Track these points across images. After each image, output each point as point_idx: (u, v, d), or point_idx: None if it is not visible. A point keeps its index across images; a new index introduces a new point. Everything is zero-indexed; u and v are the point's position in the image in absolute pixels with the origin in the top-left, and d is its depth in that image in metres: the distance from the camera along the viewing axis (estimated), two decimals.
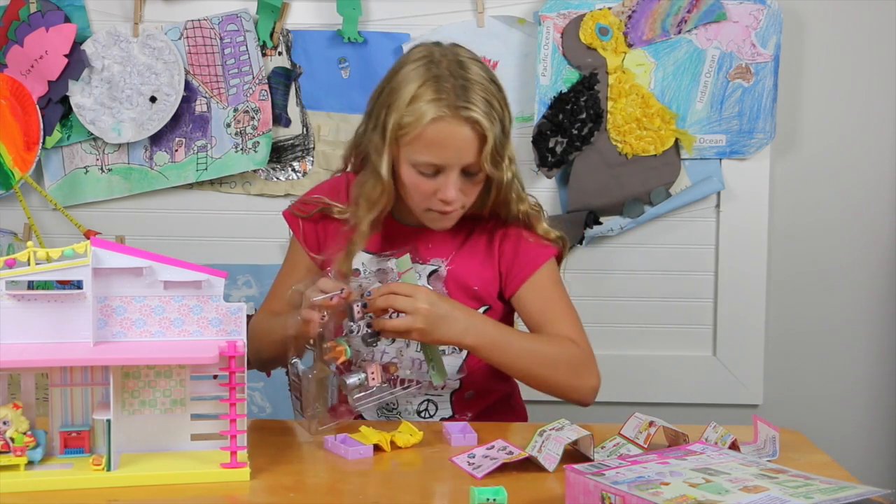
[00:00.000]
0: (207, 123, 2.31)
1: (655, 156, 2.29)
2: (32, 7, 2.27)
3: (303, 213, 1.66)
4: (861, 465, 2.16)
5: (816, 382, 2.42)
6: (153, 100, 2.28)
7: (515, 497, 1.14)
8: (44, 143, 2.28)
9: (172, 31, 2.29)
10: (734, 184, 2.32)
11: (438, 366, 1.49)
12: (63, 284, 1.27)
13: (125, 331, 1.28)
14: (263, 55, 2.30)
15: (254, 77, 2.29)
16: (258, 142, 2.30)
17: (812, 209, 2.38)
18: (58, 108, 2.29)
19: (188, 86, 2.29)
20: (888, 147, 2.37)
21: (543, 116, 2.27)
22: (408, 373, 1.52)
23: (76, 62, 2.26)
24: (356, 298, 1.42)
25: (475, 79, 1.48)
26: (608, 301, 2.35)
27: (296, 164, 2.33)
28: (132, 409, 1.27)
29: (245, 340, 1.27)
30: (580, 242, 2.29)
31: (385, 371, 1.47)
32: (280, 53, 2.31)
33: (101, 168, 2.33)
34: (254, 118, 2.30)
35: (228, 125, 2.30)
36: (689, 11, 2.27)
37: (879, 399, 2.43)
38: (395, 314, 1.42)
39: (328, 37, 2.31)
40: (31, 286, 1.26)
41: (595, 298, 2.30)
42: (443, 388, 1.61)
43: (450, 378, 1.54)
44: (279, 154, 2.33)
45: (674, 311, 2.37)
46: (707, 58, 2.29)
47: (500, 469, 1.26)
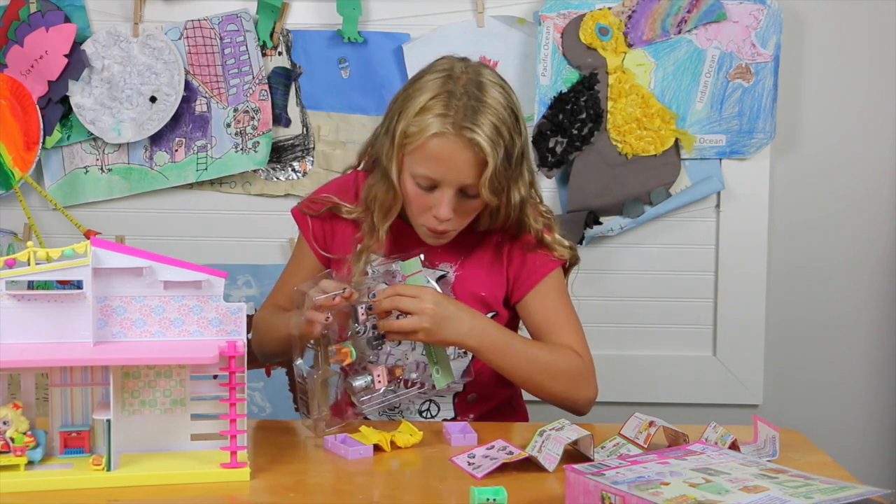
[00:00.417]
0: (207, 123, 2.31)
1: (655, 156, 2.29)
2: (32, 7, 2.26)
3: (311, 211, 1.66)
4: (861, 465, 2.17)
5: (816, 382, 2.42)
6: (153, 100, 2.28)
7: (515, 497, 1.14)
8: (44, 143, 2.28)
9: (172, 31, 2.29)
10: (734, 184, 2.32)
11: (444, 368, 1.49)
12: (63, 284, 1.27)
13: (125, 331, 1.28)
14: (263, 55, 2.30)
15: (254, 77, 2.29)
16: (258, 142, 2.30)
17: (812, 209, 2.38)
18: (58, 108, 2.29)
19: (188, 86, 2.29)
20: (888, 147, 2.37)
21: (543, 116, 2.27)
22: (413, 375, 1.52)
23: (76, 62, 2.26)
24: (359, 299, 1.42)
25: (490, 102, 1.46)
26: (608, 301, 2.35)
27: (296, 164, 2.33)
28: (132, 409, 1.27)
29: (245, 340, 1.27)
30: (580, 242, 2.29)
31: (391, 374, 1.47)
32: (280, 53, 2.31)
33: (101, 168, 2.33)
34: (254, 118, 2.30)
35: (228, 125, 2.30)
36: (689, 11, 2.27)
37: (879, 399, 2.43)
38: (400, 316, 1.42)
39: (328, 37, 2.31)
40: (31, 286, 1.27)
41: (595, 298, 2.30)
42: (447, 391, 1.61)
43: (455, 381, 1.54)
44: (279, 154, 2.33)
45: (674, 311, 2.37)
46: (707, 58, 2.29)
47: (500, 469, 1.26)
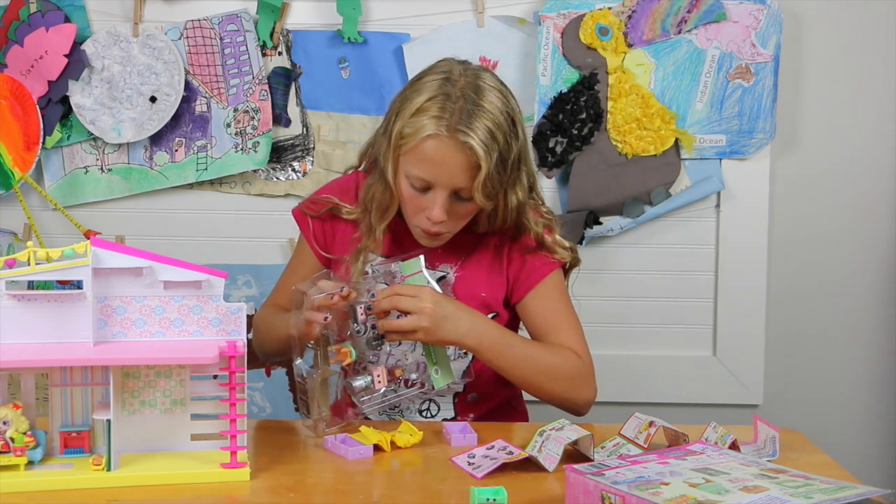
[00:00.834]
0: (207, 123, 2.31)
1: (655, 156, 2.29)
2: (32, 7, 2.26)
3: (312, 212, 1.67)
4: (861, 465, 2.16)
5: (816, 382, 2.42)
6: (153, 100, 2.28)
7: (515, 497, 1.14)
8: (44, 143, 2.28)
9: (172, 31, 2.29)
10: (734, 184, 2.32)
11: (444, 368, 1.49)
12: (63, 284, 1.27)
13: (125, 331, 1.28)
14: (263, 55, 2.30)
15: (254, 77, 2.29)
16: (258, 142, 2.30)
17: (812, 209, 2.38)
18: (58, 108, 2.29)
19: (188, 86, 2.29)
20: (888, 147, 2.37)
21: (543, 116, 2.27)
22: (413, 375, 1.52)
23: (76, 62, 2.26)
24: (358, 298, 1.42)
25: (486, 107, 1.45)
26: (608, 301, 2.35)
27: (296, 164, 2.33)
28: (132, 409, 1.27)
29: (245, 340, 1.27)
30: (580, 242, 2.29)
31: (391, 374, 1.47)
32: (280, 53, 2.31)
33: (101, 168, 2.33)
34: (254, 118, 2.30)
35: (228, 125, 2.30)
36: (689, 11, 2.27)
37: (879, 399, 2.43)
38: (400, 316, 1.42)
39: (328, 37, 2.30)
40: (31, 286, 1.27)
41: (595, 298, 2.30)
42: (447, 391, 1.61)
43: (455, 382, 1.54)
44: (279, 154, 2.33)
45: (674, 311, 2.37)
46: (707, 58, 2.29)
47: (500, 469, 1.26)
